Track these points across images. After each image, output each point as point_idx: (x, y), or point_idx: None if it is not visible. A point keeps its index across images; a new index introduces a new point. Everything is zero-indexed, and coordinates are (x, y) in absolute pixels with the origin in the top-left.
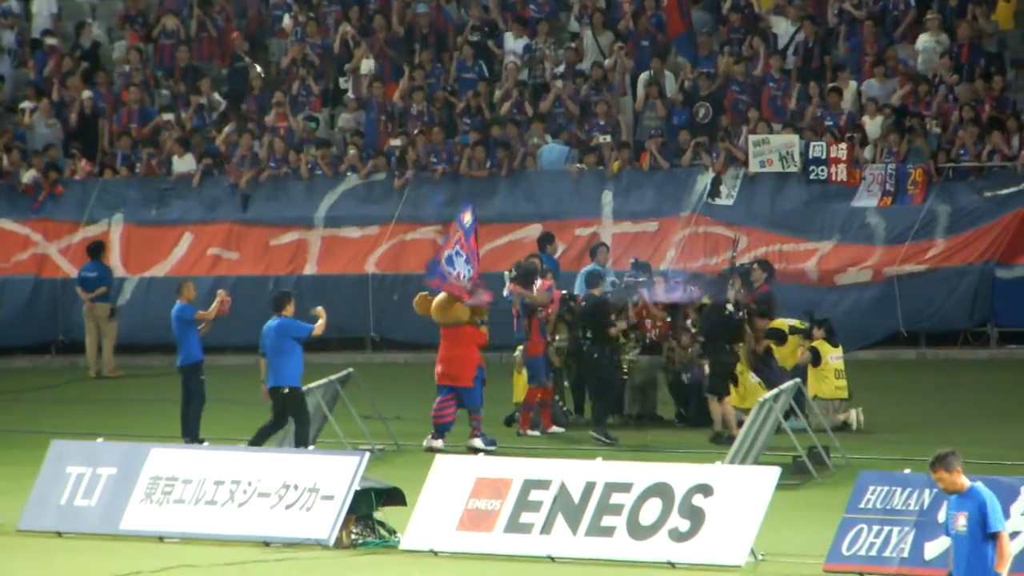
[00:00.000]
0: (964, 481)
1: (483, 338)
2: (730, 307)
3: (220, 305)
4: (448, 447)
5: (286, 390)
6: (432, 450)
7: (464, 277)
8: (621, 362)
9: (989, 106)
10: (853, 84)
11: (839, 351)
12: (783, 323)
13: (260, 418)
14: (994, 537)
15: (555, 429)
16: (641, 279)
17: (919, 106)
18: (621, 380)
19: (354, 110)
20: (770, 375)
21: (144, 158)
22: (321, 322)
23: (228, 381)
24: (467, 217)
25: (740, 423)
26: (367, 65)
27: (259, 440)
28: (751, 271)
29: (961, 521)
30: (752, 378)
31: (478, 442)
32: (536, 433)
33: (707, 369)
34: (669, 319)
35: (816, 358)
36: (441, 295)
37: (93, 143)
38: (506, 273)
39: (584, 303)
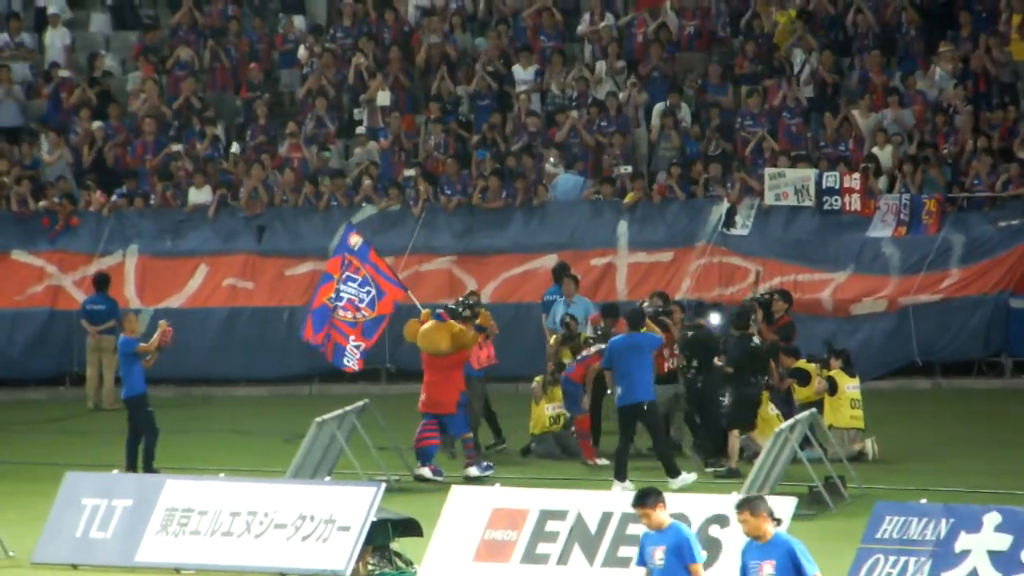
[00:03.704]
0: (769, 528)
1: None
2: (756, 340)
3: (162, 336)
4: (444, 479)
5: (645, 406)
6: (421, 479)
7: (361, 302)
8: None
9: (1001, 136)
10: (871, 115)
11: (856, 381)
12: (809, 366)
13: (274, 449)
14: None
15: (602, 461)
16: (662, 310)
17: (936, 137)
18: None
19: (368, 141)
20: (788, 411)
21: (159, 190)
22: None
23: (241, 413)
24: (354, 240)
25: (756, 455)
26: (383, 96)
27: (622, 463)
28: (772, 302)
29: (768, 570)
30: (771, 410)
31: (474, 470)
32: (606, 461)
33: (726, 400)
34: None
35: (832, 387)
36: (431, 323)
37: (106, 175)
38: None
39: (692, 333)
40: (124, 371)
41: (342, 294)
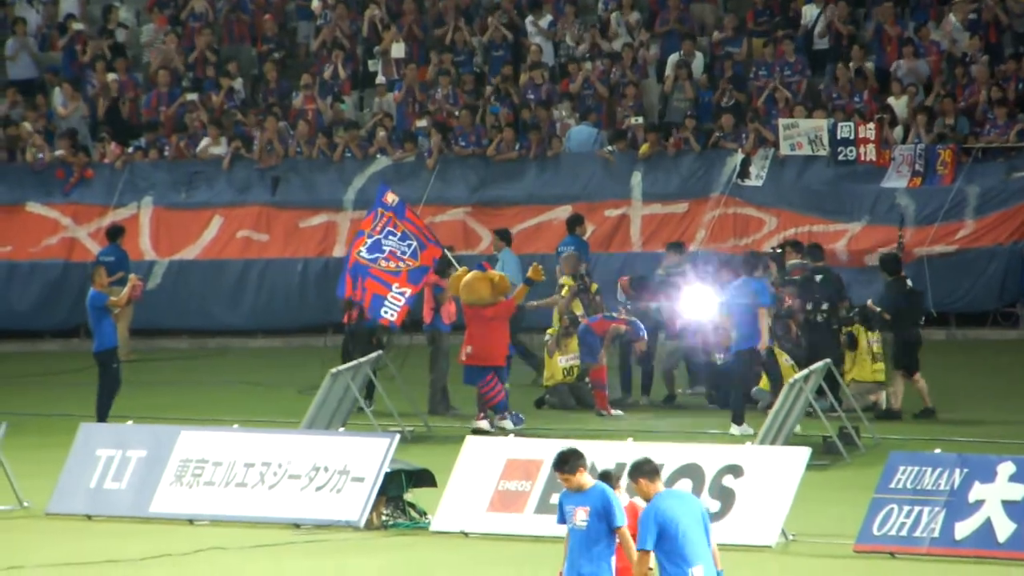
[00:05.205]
0: (656, 487)
1: (511, 305)
2: (909, 282)
3: (132, 290)
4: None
5: (748, 353)
6: (479, 431)
7: (403, 253)
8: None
9: (1015, 86)
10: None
11: (876, 335)
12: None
13: (288, 400)
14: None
15: (616, 412)
16: (675, 271)
17: (954, 88)
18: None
19: (384, 93)
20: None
21: (173, 141)
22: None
23: (256, 364)
24: (390, 198)
25: (771, 406)
26: (398, 48)
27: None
28: (784, 254)
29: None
30: (786, 361)
31: (507, 423)
32: (620, 412)
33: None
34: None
35: (853, 342)
36: (471, 274)
37: (121, 126)
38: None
39: (821, 276)
40: (94, 325)
41: (384, 246)
